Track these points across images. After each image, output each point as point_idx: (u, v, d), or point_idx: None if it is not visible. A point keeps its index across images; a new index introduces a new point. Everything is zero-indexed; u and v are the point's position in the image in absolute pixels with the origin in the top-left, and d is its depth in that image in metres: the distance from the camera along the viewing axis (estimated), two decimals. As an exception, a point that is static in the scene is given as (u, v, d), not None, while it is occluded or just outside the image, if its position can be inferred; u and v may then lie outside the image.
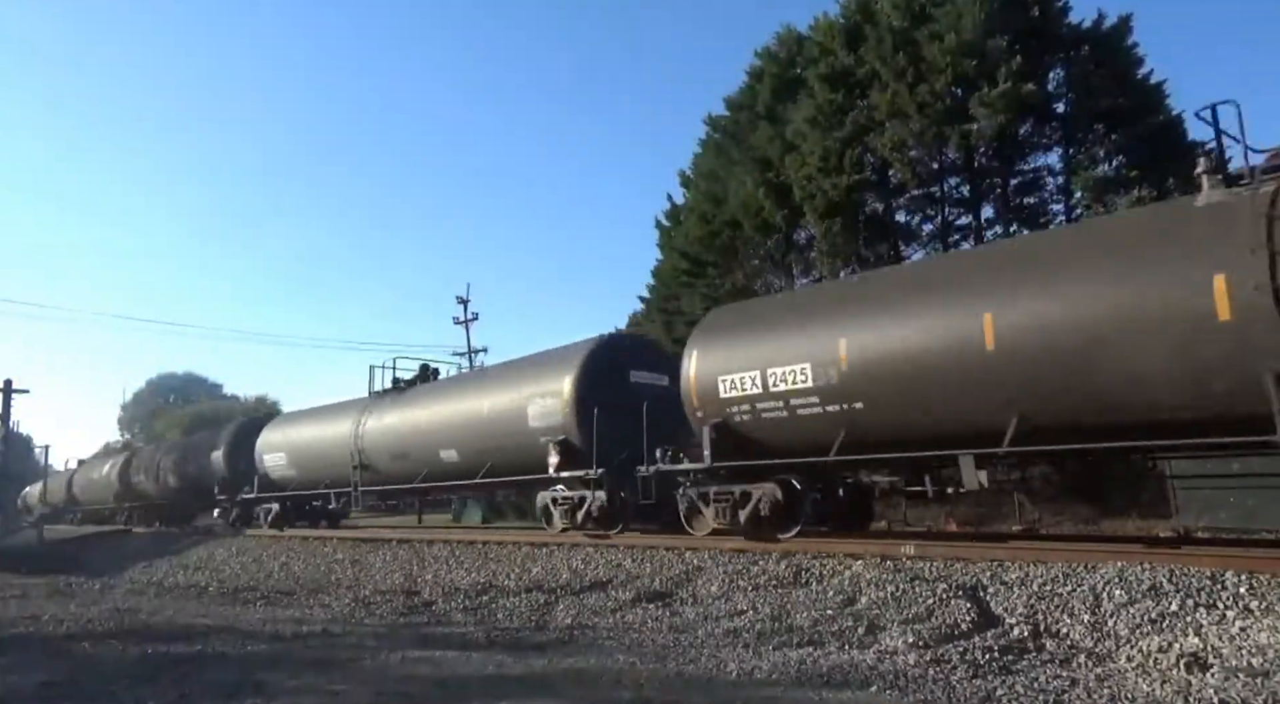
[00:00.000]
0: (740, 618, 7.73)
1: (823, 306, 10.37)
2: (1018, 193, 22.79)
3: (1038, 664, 5.65)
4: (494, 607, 9.66)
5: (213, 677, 5.91)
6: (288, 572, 14.89)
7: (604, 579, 10.03)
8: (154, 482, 28.73)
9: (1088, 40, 21.30)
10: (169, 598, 12.40)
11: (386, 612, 9.78)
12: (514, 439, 13.87)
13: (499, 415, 14.30)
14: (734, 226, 25.67)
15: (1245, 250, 6.51)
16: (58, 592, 13.50)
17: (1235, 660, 5.21)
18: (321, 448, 19.54)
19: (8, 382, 37.99)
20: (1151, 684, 5.01)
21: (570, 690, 5.32)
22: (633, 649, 6.72)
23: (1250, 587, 6.11)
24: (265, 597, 11.84)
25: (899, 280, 10.15)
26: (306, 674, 6.01)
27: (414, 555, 13.73)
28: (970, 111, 20.74)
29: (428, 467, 16.12)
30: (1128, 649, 5.74)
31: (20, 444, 56.20)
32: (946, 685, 5.13)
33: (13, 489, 47.24)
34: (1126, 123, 20.19)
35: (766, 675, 5.56)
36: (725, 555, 9.90)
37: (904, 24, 22.43)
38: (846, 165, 22.37)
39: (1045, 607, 6.63)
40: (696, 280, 26.99)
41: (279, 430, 22.01)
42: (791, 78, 25.92)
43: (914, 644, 6.27)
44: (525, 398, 13.74)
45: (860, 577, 8.16)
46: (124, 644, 7.50)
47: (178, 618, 9.46)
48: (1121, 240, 7.69)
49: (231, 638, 7.74)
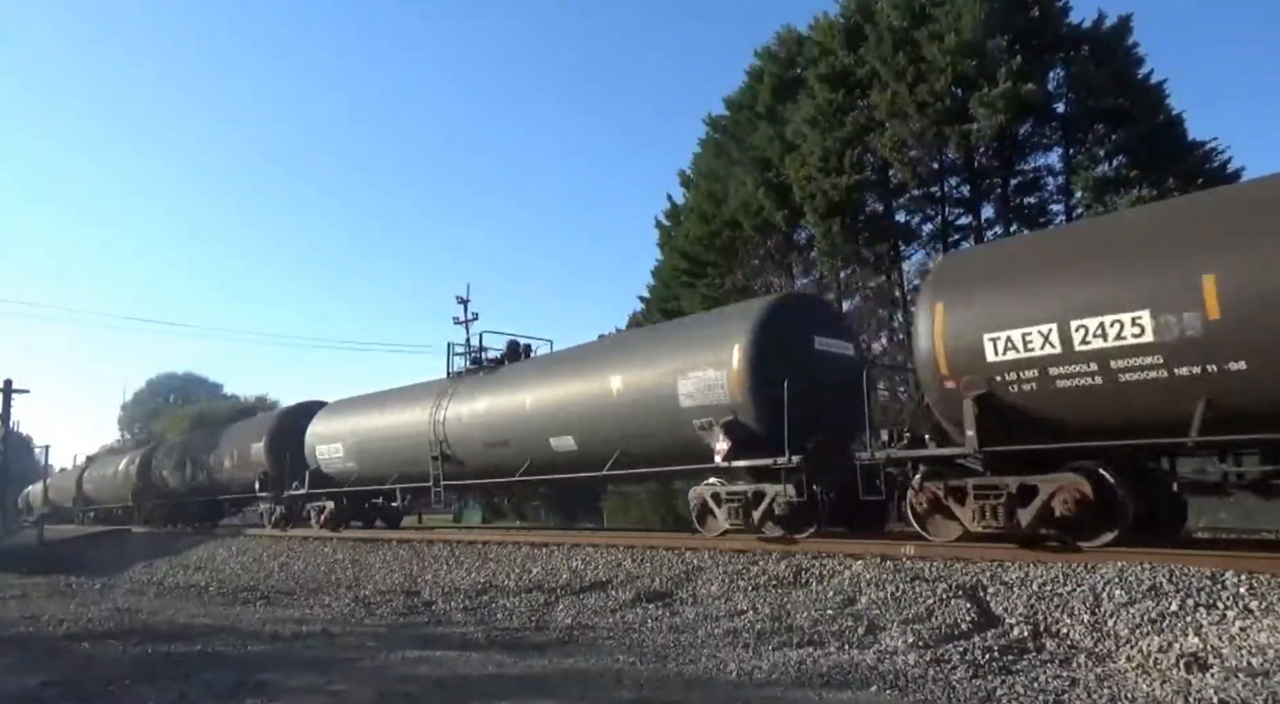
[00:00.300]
0: (740, 618, 7.74)
1: (1164, 231, 7.71)
2: (1018, 193, 22.77)
3: (1038, 664, 5.65)
4: (494, 607, 9.67)
5: (213, 676, 5.91)
6: (288, 572, 14.90)
7: (604, 579, 10.03)
8: (181, 477, 26.83)
9: (1088, 40, 21.27)
10: (169, 598, 12.41)
11: (386, 612, 9.78)
12: (656, 423, 11.60)
13: (636, 395, 11.91)
14: (734, 226, 25.68)
15: None
16: (58, 592, 13.51)
17: (1235, 660, 5.21)
18: (390, 437, 17.28)
19: (8, 382, 38.04)
20: (1151, 684, 5.01)
21: (570, 690, 5.31)
22: (632, 649, 6.72)
23: (1250, 587, 6.12)
24: (265, 597, 11.85)
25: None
26: (306, 674, 6.01)
27: (414, 555, 13.74)
28: (970, 111, 20.73)
29: (532, 457, 13.91)
30: (1128, 649, 5.74)
31: (20, 444, 56.24)
32: (946, 685, 5.13)
33: (13, 489, 47.02)
34: (1126, 123, 20.18)
35: (766, 675, 5.56)
36: (725, 555, 9.90)
37: (904, 24, 22.42)
38: (846, 165, 22.36)
39: (1045, 607, 6.64)
40: (696, 280, 26.98)
41: (334, 419, 19.74)
42: (791, 78, 25.91)
43: (914, 644, 6.27)
44: (673, 372, 11.35)
45: (860, 577, 8.16)
46: (124, 644, 7.50)
47: (178, 618, 9.46)
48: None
49: (231, 638, 7.74)
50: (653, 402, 11.64)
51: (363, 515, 19.79)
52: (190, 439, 29.56)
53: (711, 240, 26.36)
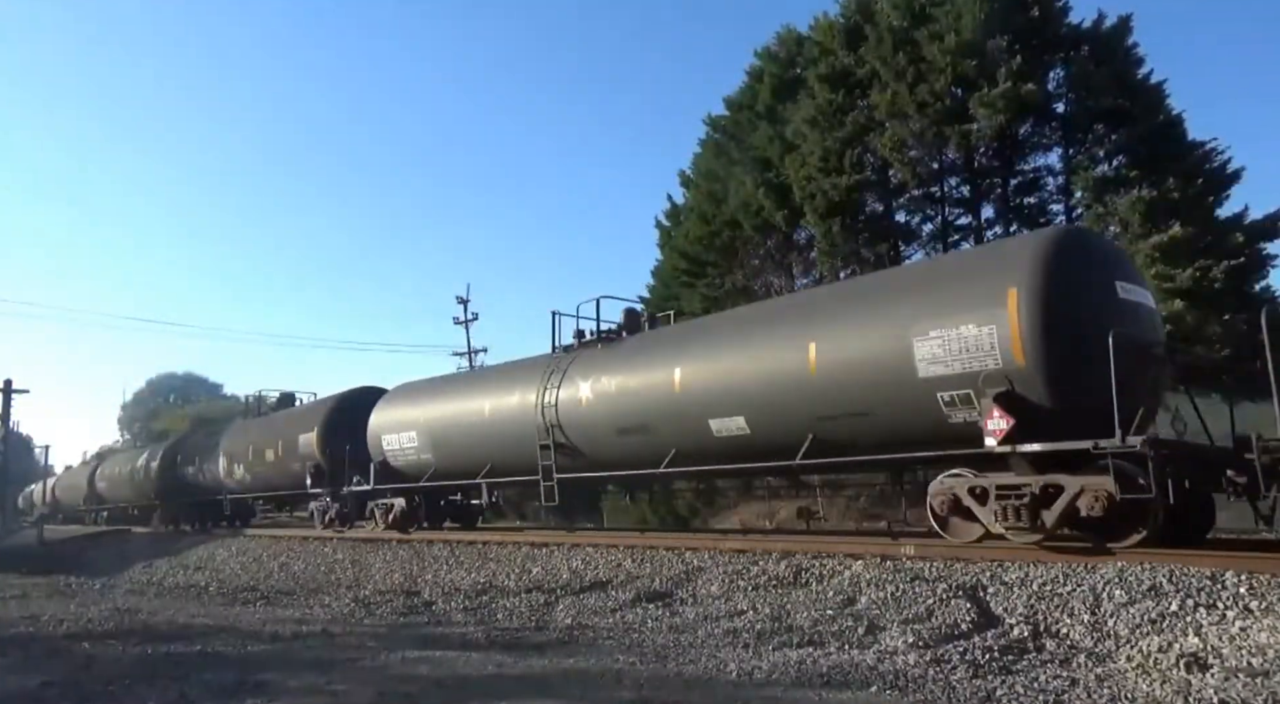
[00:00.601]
0: (740, 618, 7.73)
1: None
2: (1018, 193, 22.78)
3: (1038, 664, 5.65)
4: (494, 607, 9.67)
5: (212, 676, 5.91)
6: (288, 572, 14.90)
7: (604, 579, 10.02)
8: (213, 473, 24.78)
9: (1088, 40, 21.27)
10: (169, 598, 12.41)
11: (386, 612, 9.78)
12: (878, 397, 9.08)
13: (855, 362, 9.26)
14: (734, 226, 25.69)
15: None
16: (58, 592, 13.52)
17: (1235, 660, 5.20)
18: (479, 425, 14.85)
19: (8, 382, 38.07)
20: (1151, 684, 5.00)
21: (570, 690, 5.31)
22: (632, 649, 6.72)
23: (1250, 587, 6.11)
24: (265, 597, 11.85)
25: None
26: (306, 674, 6.00)
27: (414, 555, 13.73)
28: (970, 111, 20.75)
29: (678, 445, 11.48)
30: (1128, 649, 5.74)
31: (20, 444, 56.27)
32: (946, 685, 5.13)
33: (13, 489, 46.79)
34: (1126, 123, 20.18)
35: (766, 675, 5.56)
36: (725, 555, 9.90)
37: (904, 24, 22.43)
38: (846, 165, 22.38)
39: (1045, 607, 6.63)
40: (696, 280, 26.99)
41: (404, 405, 17.30)
42: (791, 78, 25.94)
43: (914, 644, 6.27)
44: (905, 332, 8.75)
45: (860, 577, 8.16)
46: (124, 644, 7.50)
47: (178, 618, 9.46)
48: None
49: (231, 638, 7.74)
50: (877, 372, 9.03)
51: (437, 515, 17.39)
52: (227, 430, 26.82)
53: (711, 240, 26.37)
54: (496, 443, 14.46)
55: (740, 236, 25.73)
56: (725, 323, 12.31)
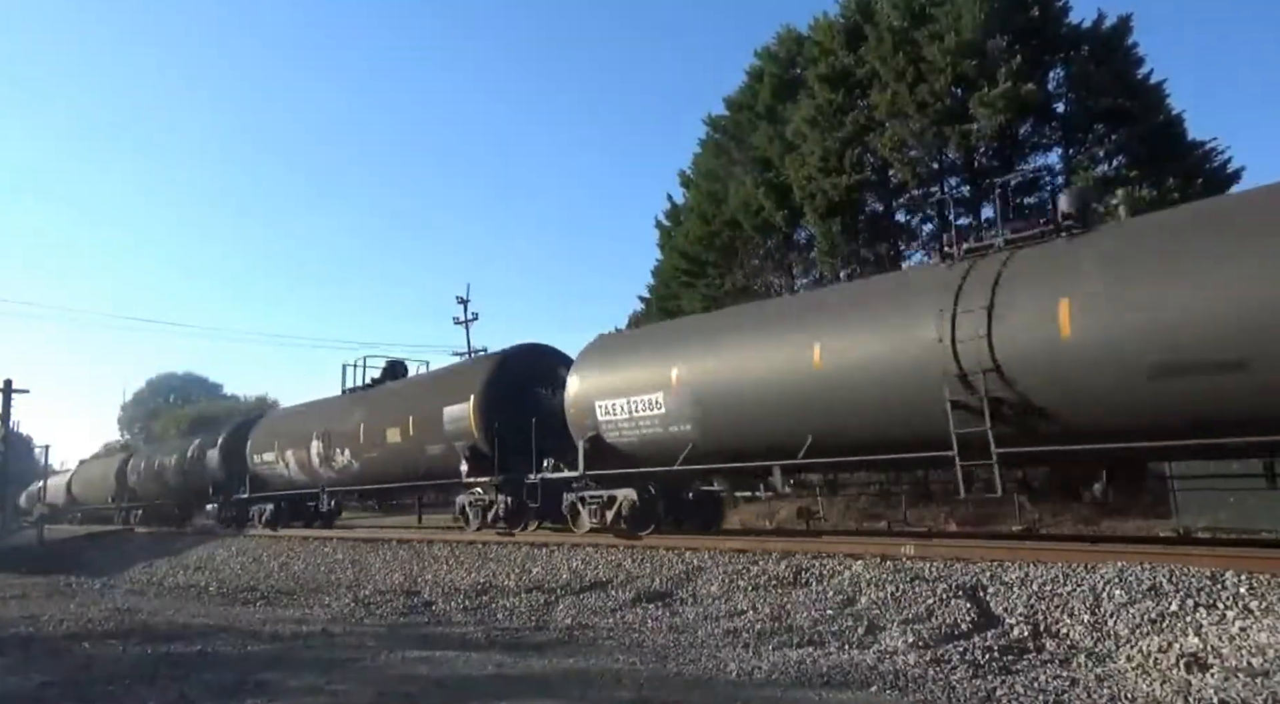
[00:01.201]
0: (740, 618, 7.73)
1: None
2: (1018, 193, 22.76)
3: (1038, 664, 5.65)
4: (494, 607, 9.67)
5: (212, 677, 5.91)
6: (288, 572, 14.89)
7: (604, 579, 10.02)
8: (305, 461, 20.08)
9: (1087, 40, 21.28)
10: (169, 598, 12.41)
11: (386, 612, 9.78)
12: None
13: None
14: (734, 226, 25.69)
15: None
16: (58, 592, 13.52)
17: (1235, 660, 5.20)
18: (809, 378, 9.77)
19: (8, 382, 37.99)
20: (1151, 684, 5.01)
21: (570, 690, 5.31)
22: (632, 649, 6.72)
23: (1250, 587, 6.11)
24: (265, 597, 11.85)
25: None
26: (306, 674, 6.00)
27: (414, 555, 13.73)
28: (970, 111, 20.74)
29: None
30: (1128, 649, 5.74)
31: (20, 444, 56.26)
32: (946, 685, 5.13)
33: (13, 489, 46.67)
34: (1126, 123, 20.19)
35: (766, 675, 5.56)
36: (725, 555, 9.90)
37: (904, 24, 22.42)
38: (846, 165, 22.37)
39: (1045, 607, 6.63)
40: (696, 280, 26.98)
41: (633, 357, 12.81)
42: (791, 78, 25.94)
43: (914, 644, 6.27)
44: None
45: (860, 577, 8.16)
46: (124, 644, 7.50)
47: (178, 618, 9.46)
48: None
49: (231, 638, 7.74)
50: None
51: (681, 510, 13.13)
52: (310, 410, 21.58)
53: (711, 240, 26.37)
54: (846, 403, 9.45)
55: (740, 236, 25.73)
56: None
